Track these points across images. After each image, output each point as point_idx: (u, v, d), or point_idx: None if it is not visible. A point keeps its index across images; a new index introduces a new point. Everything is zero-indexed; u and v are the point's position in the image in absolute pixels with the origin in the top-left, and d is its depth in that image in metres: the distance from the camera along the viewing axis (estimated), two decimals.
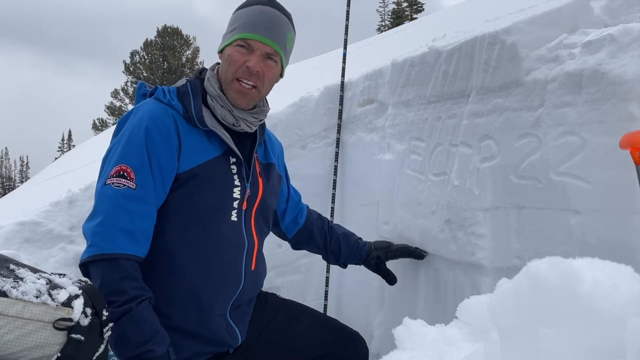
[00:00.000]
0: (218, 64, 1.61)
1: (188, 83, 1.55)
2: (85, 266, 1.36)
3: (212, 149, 1.49)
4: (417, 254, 1.96)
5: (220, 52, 1.58)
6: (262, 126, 1.66)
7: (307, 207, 1.98)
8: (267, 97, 1.67)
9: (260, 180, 1.60)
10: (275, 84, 1.64)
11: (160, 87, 1.54)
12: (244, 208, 1.53)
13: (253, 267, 1.58)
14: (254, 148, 1.59)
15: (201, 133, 1.49)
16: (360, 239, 1.96)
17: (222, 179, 1.49)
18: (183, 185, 1.44)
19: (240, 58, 1.48)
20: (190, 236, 1.46)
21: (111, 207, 1.35)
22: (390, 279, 1.96)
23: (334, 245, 1.86)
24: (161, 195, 1.43)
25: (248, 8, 1.53)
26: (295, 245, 1.97)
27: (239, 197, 1.51)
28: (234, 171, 1.51)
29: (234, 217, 1.51)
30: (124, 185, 1.36)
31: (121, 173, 1.37)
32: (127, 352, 1.33)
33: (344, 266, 1.99)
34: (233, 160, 1.52)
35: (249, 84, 1.50)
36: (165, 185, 1.43)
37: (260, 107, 1.61)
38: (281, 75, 1.62)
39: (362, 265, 2.00)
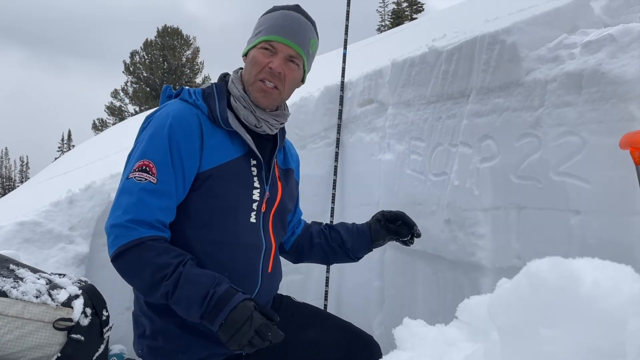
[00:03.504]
0: (242, 68, 1.63)
1: (213, 85, 1.59)
2: (116, 259, 1.37)
3: (233, 150, 1.51)
4: (408, 220, 1.77)
5: (245, 55, 1.60)
6: (283, 131, 1.68)
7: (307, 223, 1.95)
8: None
9: (279, 183, 1.62)
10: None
11: (186, 88, 1.57)
12: (262, 210, 1.55)
13: (270, 270, 1.59)
14: (274, 152, 1.61)
15: (224, 134, 1.52)
16: (355, 223, 1.86)
17: (242, 179, 1.51)
18: (203, 184, 1.46)
19: (264, 60, 1.52)
20: (209, 236, 1.47)
21: (132, 200, 1.38)
22: (402, 234, 1.78)
23: (335, 235, 1.82)
24: (181, 192, 1.45)
25: (274, 12, 1.58)
26: (296, 257, 1.90)
27: (258, 199, 1.52)
28: (254, 173, 1.53)
29: (252, 219, 1.52)
30: (146, 179, 1.39)
31: (143, 168, 1.40)
32: (196, 310, 1.31)
33: (356, 258, 1.86)
34: (254, 162, 1.54)
35: (271, 84, 1.53)
36: (187, 182, 1.45)
37: (281, 110, 1.63)
38: (303, 81, 1.65)
39: (374, 247, 1.85)
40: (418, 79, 2.45)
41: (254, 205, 1.52)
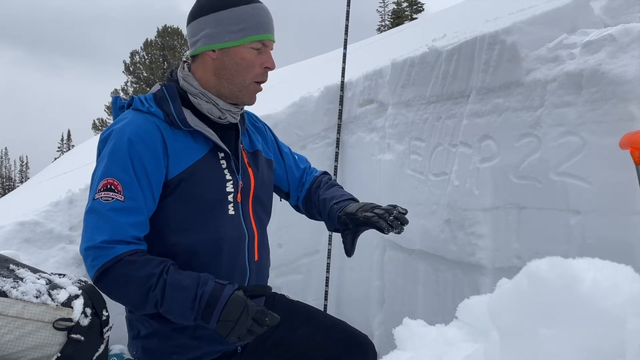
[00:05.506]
0: (185, 62, 1.59)
1: (163, 87, 1.53)
2: (99, 280, 1.36)
3: (199, 149, 1.51)
4: (379, 226, 1.49)
5: (213, 50, 1.51)
6: (243, 116, 1.67)
7: (317, 175, 1.86)
8: (267, 97, 1.69)
9: (250, 170, 1.61)
10: (276, 87, 1.67)
11: (136, 97, 1.54)
12: (238, 200, 1.54)
13: (256, 258, 1.59)
14: (238, 139, 1.60)
15: (186, 134, 1.50)
16: (337, 202, 1.69)
17: (213, 175, 1.51)
18: (177, 188, 1.45)
19: (257, 60, 1.51)
20: (191, 237, 1.47)
21: (102, 221, 1.35)
22: (347, 252, 1.62)
23: (316, 212, 1.80)
24: (151, 205, 1.44)
25: (249, 6, 1.51)
26: (308, 214, 1.85)
27: (232, 190, 1.52)
28: (224, 166, 1.53)
29: (231, 211, 1.52)
30: (112, 198, 1.36)
31: (109, 187, 1.38)
32: (189, 314, 1.32)
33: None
34: (221, 155, 1.53)
35: (263, 84, 1.57)
36: (155, 194, 1.44)
37: None
38: None
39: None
40: (418, 79, 2.45)
41: (230, 197, 1.52)
